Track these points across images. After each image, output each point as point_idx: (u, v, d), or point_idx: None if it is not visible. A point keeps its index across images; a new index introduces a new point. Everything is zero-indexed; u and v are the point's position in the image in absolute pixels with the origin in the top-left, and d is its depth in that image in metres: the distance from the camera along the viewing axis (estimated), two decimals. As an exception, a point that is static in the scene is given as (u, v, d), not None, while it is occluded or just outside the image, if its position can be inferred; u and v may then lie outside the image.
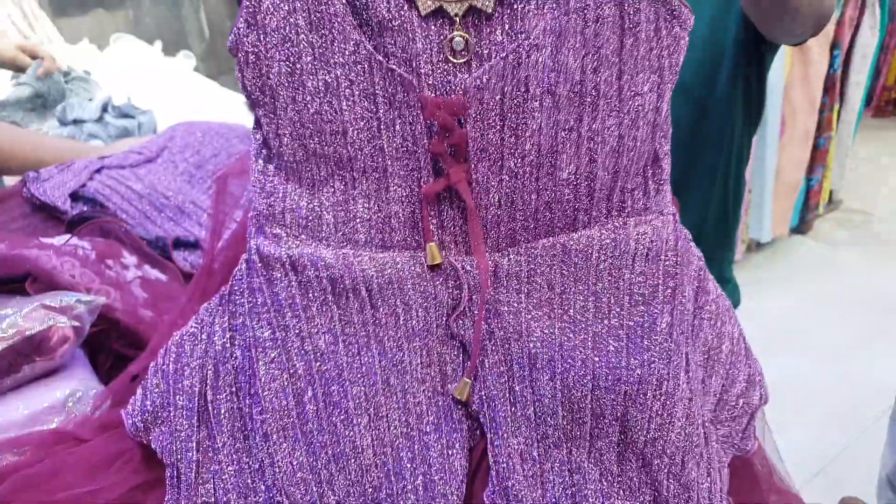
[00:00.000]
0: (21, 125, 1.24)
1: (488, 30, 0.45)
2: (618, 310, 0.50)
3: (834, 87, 2.29)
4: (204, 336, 0.54)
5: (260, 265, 0.50)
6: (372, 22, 0.45)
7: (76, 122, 1.20)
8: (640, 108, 0.47)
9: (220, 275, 0.62)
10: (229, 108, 1.34)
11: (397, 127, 0.46)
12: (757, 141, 2.05)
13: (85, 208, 0.85)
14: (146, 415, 0.53)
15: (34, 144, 0.98)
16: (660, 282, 0.51)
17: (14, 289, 0.68)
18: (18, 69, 1.29)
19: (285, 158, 0.49)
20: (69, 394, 0.59)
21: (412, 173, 0.48)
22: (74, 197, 0.86)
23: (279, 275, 0.49)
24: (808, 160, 2.43)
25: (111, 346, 0.70)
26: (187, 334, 0.55)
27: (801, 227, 2.63)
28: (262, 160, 0.50)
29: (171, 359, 0.54)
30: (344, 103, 0.46)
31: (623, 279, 0.50)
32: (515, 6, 0.45)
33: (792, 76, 2.17)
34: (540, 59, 0.44)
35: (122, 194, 0.88)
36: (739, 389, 0.56)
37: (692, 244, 0.54)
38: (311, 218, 0.49)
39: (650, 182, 0.51)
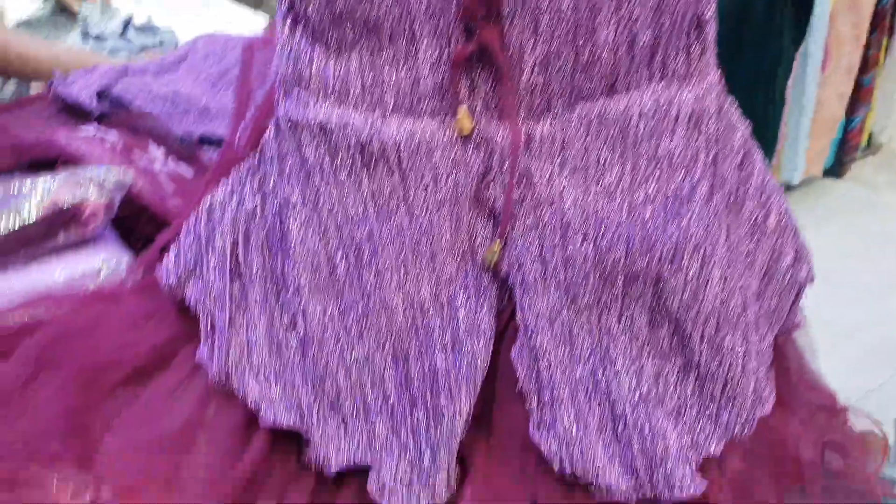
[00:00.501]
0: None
1: None
2: (656, 177, 0.49)
3: (883, 21, 2.15)
4: (234, 199, 0.54)
5: (288, 130, 0.50)
6: None
7: (98, 38, 1.20)
8: None
9: (247, 149, 0.62)
10: (249, 30, 1.33)
11: None
12: (796, 72, 1.97)
13: (109, 108, 0.85)
14: (180, 271, 0.54)
15: (59, 55, 0.98)
16: (701, 148, 0.50)
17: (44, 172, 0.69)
18: None
19: (312, 21, 0.48)
20: (103, 261, 0.60)
21: (442, 36, 0.46)
22: (100, 97, 0.86)
23: (308, 139, 0.49)
24: (850, 98, 2.33)
25: (141, 231, 0.71)
26: (218, 199, 0.55)
27: (836, 169, 2.53)
28: (288, 23, 0.49)
29: (203, 221, 0.54)
30: None
31: (662, 145, 0.49)
32: None
33: (839, 3, 2.06)
34: None
35: (147, 96, 0.88)
36: (787, 263, 0.55)
37: (738, 112, 0.53)
38: (338, 82, 0.48)
39: (694, 45, 0.49)
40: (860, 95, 2.32)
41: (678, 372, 0.52)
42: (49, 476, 0.44)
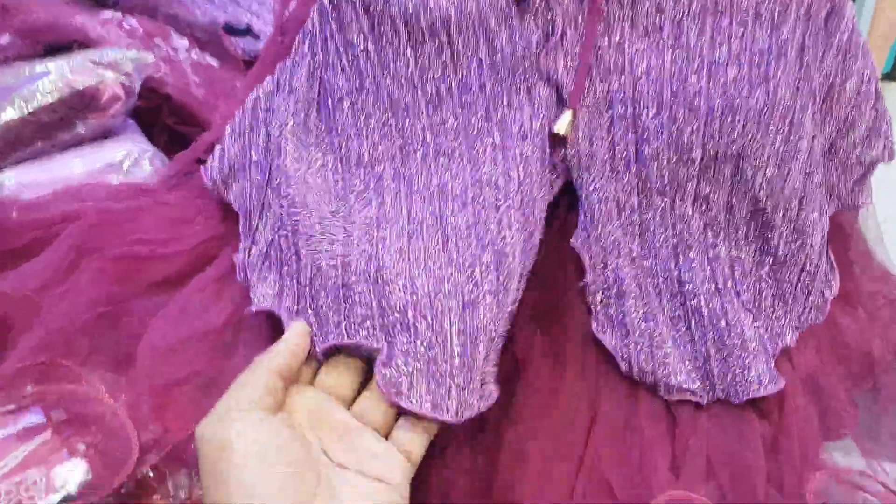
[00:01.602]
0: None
1: None
2: (740, 33, 0.43)
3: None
4: (279, 92, 0.50)
5: (330, 9, 0.46)
6: None
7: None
8: None
9: (289, 41, 0.58)
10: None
11: None
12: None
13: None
14: (224, 170, 0.51)
15: None
16: (791, 1, 0.44)
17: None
18: None
19: None
20: (125, 154, 0.56)
21: None
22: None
23: (350, 18, 0.45)
24: None
25: (164, 122, 0.67)
26: (262, 92, 0.51)
27: (894, 73, 2.41)
28: None
29: (248, 116, 0.51)
30: None
31: None
32: None
33: None
34: None
35: (169, -20, 0.82)
36: (858, 136, 0.49)
37: None
38: None
39: None
40: None
41: (753, 257, 0.47)
42: (84, 373, 0.42)
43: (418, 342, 0.39)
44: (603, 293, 0.46)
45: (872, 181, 0.52)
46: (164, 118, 0.67)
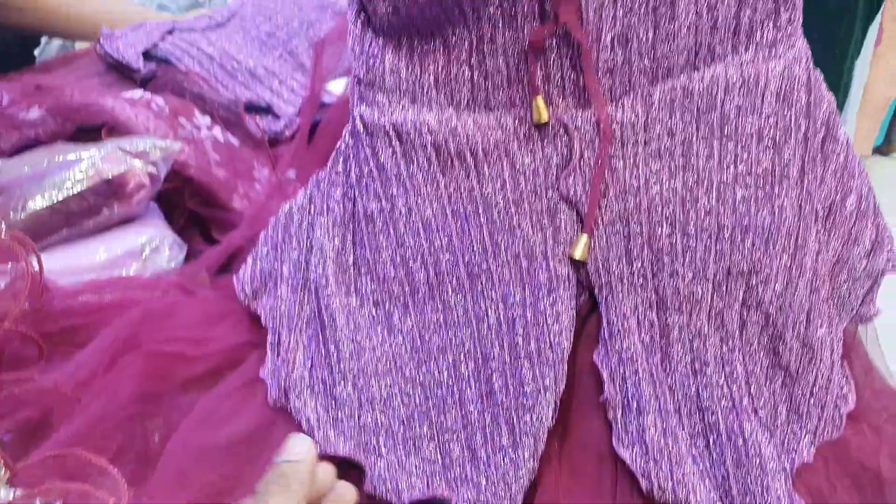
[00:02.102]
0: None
1: None
2: (745, 155, 0.46)
3: (939, 1, 2.08)
4: (311, 209, 0.53)
5: (364, 134, 0.49)
6: None
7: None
8: None
9: (320, 148, 0.61)
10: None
11: None
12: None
13: (156, 68, 0.83)
14: (255, 282, 0.53)
15: (105, 8, 0.95)
16: (791, 123, 0.46)
17: (90, 137, 0.67)
18: None
19: (382, 21, 0.46)
20: (146, 241, 0.58)
21: (515, 20, 0.44)
22: (146, 56, 0.84)
23: (383, 143, 0.48)
24: None
25: (184, 204, 0.69)
26: (296, 207, 0.54)
27: (884, 147, 2.47)
28: (359, 23, 0.48)
29: (281, 229, 0.54)
30: None
31: (751, 121, 0.46)
32: None
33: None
34: None
35: (194, 56, 0.85)
36: (863, 250, 0.51)
37: (824, 85, 0.49)
38: (411, 81, 0.47)
39: (781, 11, 0.45)
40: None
41: (767, 372, 0.48)
42: (111, 470, 0.43)
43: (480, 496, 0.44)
44: (623, 408, 0.46)
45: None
46: (184, 200, 0.69)
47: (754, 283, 0.46)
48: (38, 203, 0.54)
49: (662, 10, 0.43)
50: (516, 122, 0.47)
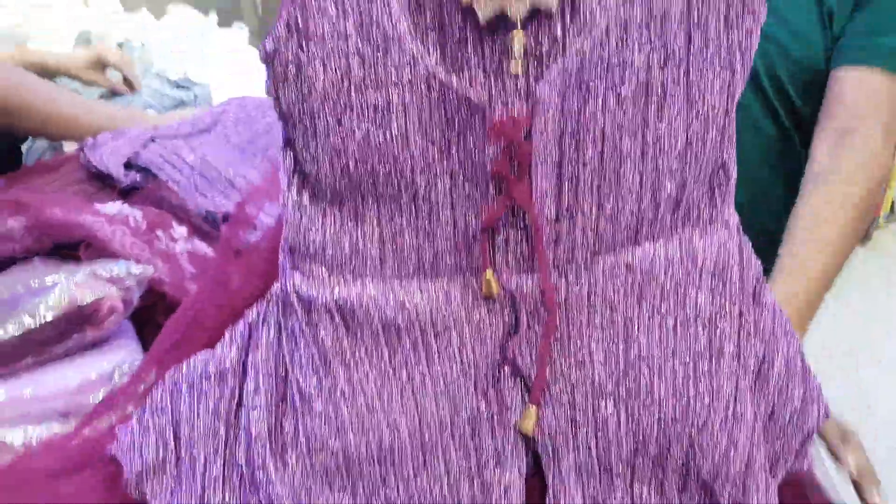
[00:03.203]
0: (79, 92, 1.25)
1: (549, 28, 0.42)
2: (683, 332, 0.47)
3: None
4: (226, 385, 0.50)
5: (300, 310, 0.47)
6: (427, 34, 0.41)
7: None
8: (709, 109, 0.44)
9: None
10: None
11: (454, 152, 0.43)
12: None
13: (138, 177, 0.85)
14: (145, 465, 0.49)
15: (92, 111, 0.98)
16: (727, 301, 0.48)
17: (67, 254, 0.68)
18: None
19: (324, 186, 0.45)
20: (117, 364, 0.59)
21: (470, 197, 0.44)
22: (128, 165, 0.86)
23: (325, 320, 0.46)
24: None
25: (157, 321, 0.70)
26: (195, 374, 0.50)
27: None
28: (295, 188, 0.46)
29: (180, 400, 0.50)
30: (395, 126, 0.41)
31: (689, 298, 0.47)
32: (577, 2, 0.41)
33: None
34: (604, 56, 0.41)
35: (175, 164, 0.88)
36: (793, 408, 0.53)
37: (752, 253, 0.51)
38: (355, 252, 0.45)
39: (716, 191, 0.48)
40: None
41: None
42: None
43: None
44: None
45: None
46: (157, 316, 0.70)
47: (694, 453, 0.48)
48: (8, 331, 0.55)
49: (607, 190, 0.44)
50: (464, 290, 0.46)
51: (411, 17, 0.41)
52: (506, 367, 0.47)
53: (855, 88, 0.80)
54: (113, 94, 1.23)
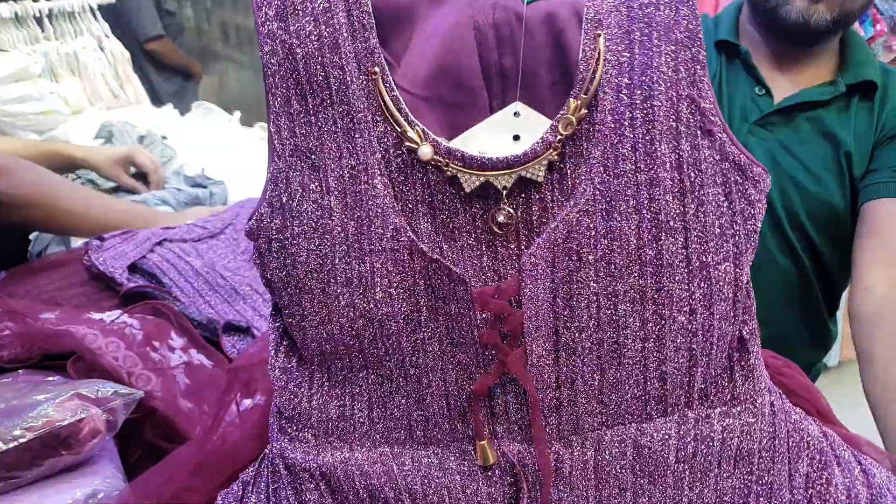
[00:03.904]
0: (96, 183, 1.26)
1: (536, 198, 0.41)
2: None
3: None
4: None
5: (286, 474, 0.45)
6: (411, 203, 0.41)
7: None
8: (714, 280, 0.41)
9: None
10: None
11: (441, 320, 0.41)
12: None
13: (142, 281, 0.83)
14: None
15: (105, 209, 0.98)
16: (752, 491, 0.44)
17: (57, 364, 0.65)
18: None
19: (311, 351, 0.44)
20: (90, 493, 0.54)
21: (461, 364, 0.42)
22: (133, 268, 0.84)
23: (310, 487, 0.44)
24: None
25: (143, 437, 0.66)
26: None
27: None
28: (282, 354, 0.45)
29: None
30: (380, 295, 0.41)
31: (707, 486, 0.43)
32: (565, 170, 0.40)
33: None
34: (591, 225, 0.40)
35: (180, 270, 0.86)
36: None
37: (809, 430, 0.47)
38: (342, 417, 0.44)
39: (736, 366, 0.44)
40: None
41: None
42: None
43: None
44: None
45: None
46: (144, 432, 0.66)
47: None
48: (-23, 456, 0.51)
49: (609, 357, 0.42)
50: (459, 459, 0.43)
51: (397, 188, 0.40)
52: None
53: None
54: (128, 191, 1.24)
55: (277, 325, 0.45)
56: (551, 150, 0.40)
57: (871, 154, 0.83)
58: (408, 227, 0.40)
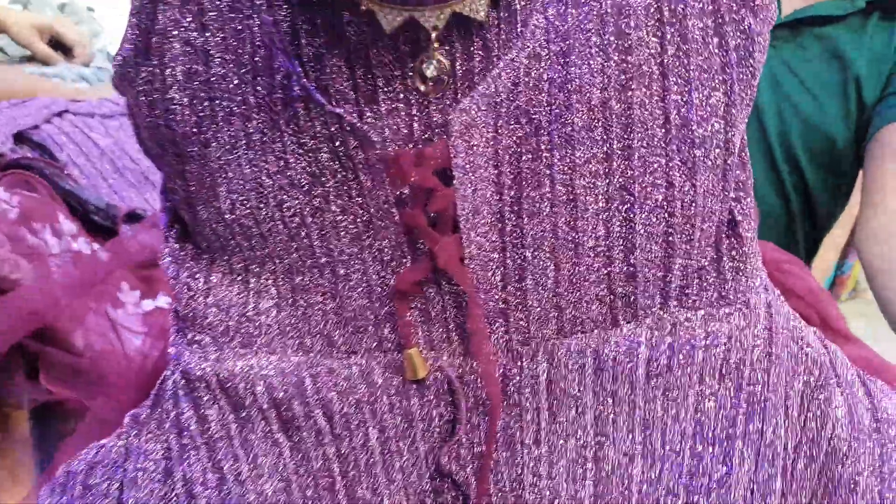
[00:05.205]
0: (6, 52, 1.11)
1: (478, 44, 0.30)
2: (675, 454, 0.34)
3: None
4: (115, 480, 0.38)
5: (184, 384, 0.36)
6: (312, 47, 0.31)
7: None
8: (698, 141, 0.31)
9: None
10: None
11: (353, 195, 0.32)
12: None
13: (31, 154, 0.70)
14: None
15: (7, 80, 0.84)
16: (741, 412, 0.35)
17: None
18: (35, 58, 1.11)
19: (204, 237, 0.35)
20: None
21: (378, 255, 0.33)
22: (21, 138, 0.71)
23: (207, 399, 0.35)
24: (845, 243, 2.27)
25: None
26: (105, 460, 0.39)
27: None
28: (173, 240, 0.36)
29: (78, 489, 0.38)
30: (271, 162, 0.32)
31: (684, 406, 0.34)
32: (514, 5, 0.30)
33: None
34: (543, 74, 0.30)
35: (81, 145, 0.73)
36: None
37: (808, 339, 0.38)
38: (245, 318, 0.35)
39: (725, 257, 0.35)
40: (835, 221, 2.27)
41: None
42: None
43: None
44: None
45: None
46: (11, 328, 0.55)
47: None
48: None
49: (565, 249, 0.32)
50: (386, 371, 0.34)
51: (295, 25, 0.31)
52: (439, 475, 0.35)
53: None
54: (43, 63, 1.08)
55: (168, 203, 0.36)
56: None
57: (888, 79, 0.74)
58: (303, 74, 0.30)
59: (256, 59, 0.31)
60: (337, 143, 0.31)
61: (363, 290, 0.33)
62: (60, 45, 1.10)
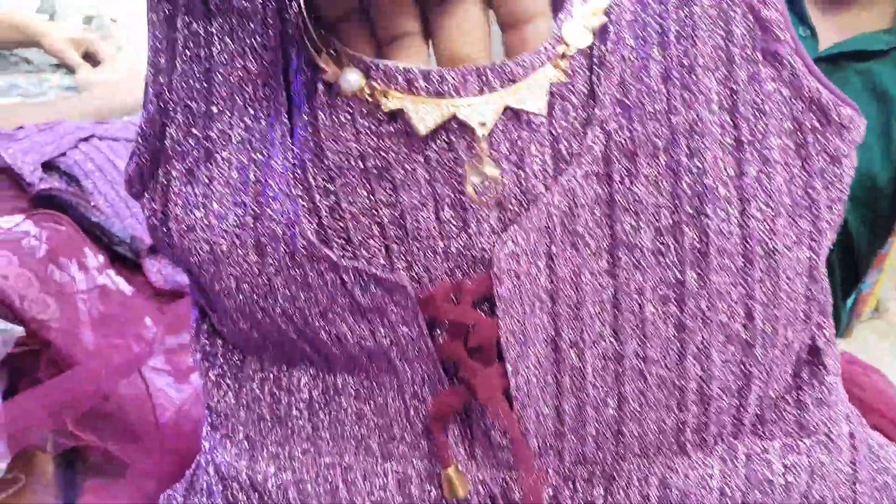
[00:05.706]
0: (32, 62, 1.11)
1: (531, 146, 0.27)
2: None
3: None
4: None
5: (217, 480, 0.35)
6: (325, 165, 0.28)
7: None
8: (782, 272, 0.29)
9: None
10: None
11: (383, 330, 0.30)
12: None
13: (58, 183, 0.70)
14: None
15: None
16: None
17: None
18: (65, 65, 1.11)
19: (234, 334, 0.33)
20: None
21: (411, 378, 0.31)
22: (49, 166, 0.71)
23: (241, 499, 0.34)
24: None
25: (35, 374, 0.55)
26: None
27: (841, 330, 2.44)
28: (204, 334, 0.34)
29: None
30: (284, 298, 0.30)
31: None
32: (571, 105, 0.27)
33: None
34: (603, 195, 0.28)
35: (107, 173, 0.73)
36: None
37: (891, 465, 0.35)
38: (276, 417, 0.33)
39: (805, 388, 0.33)
40: (874, 260, 2.22)
41: None
42: None
43: None
44: None
45: None
46: (37, 369, 0.55)
47: None
48: None
49: (630, 376, 0.30)
50: (424, 483, 0.32)
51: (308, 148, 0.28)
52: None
53: None
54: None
55: (197, 298, 0.34)
56: (556, 59, 0.27)
57: None
58: (303, 222, 0.28)
59: (264, 202, 0.29)
60: (356, 291, 0.29)
61: (399, 406, 0.31)
62: (90, 58, 1.10)
